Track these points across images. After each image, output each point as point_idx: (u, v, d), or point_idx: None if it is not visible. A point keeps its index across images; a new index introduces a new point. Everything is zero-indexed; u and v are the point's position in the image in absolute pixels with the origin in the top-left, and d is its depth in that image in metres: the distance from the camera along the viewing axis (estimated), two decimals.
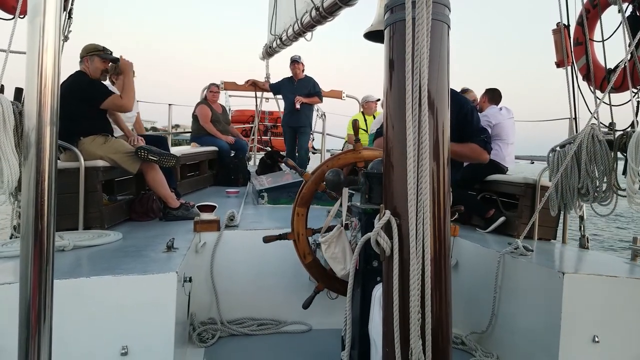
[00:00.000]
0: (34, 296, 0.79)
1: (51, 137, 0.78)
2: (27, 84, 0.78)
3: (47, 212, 0.78)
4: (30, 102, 0.78)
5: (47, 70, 0.77)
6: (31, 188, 0.78)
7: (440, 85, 1.50)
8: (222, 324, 2.80)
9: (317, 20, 3.45)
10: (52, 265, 0.80)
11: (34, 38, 0.77)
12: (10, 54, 2.39)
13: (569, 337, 2.13)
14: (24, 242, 0.79)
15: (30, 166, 0.78)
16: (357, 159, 2.21)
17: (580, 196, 2.99)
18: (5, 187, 2.25)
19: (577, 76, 3.26)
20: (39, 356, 0.81)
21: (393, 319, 1.36)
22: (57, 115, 0.80)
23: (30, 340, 0.81)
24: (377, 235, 1.43)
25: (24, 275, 0.79)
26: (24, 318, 0.80)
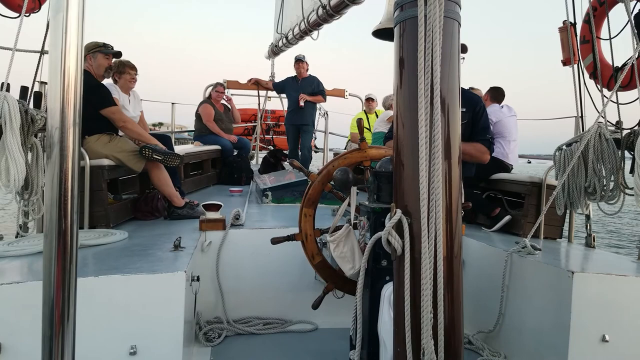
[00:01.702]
0: (57, 294, 0.80)
1: (74, 136, 0.78)
2: (50, 84, 0.78)
3: (71, 211, 0.78)
4: (53, 102, 0.78)
5: (70, 70, 0.77)
6: (54, 187, 0.77)
7: (452, 83, 1.49)
8: (228, 323, 2.79)
9: (324, 18, 3.43)
10: (75, 263, 0.80)
11: (56, 38, 0.76)
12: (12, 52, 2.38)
13: (578, 337, 2.12)
14: (47, 241, 0.79)
15: (53, 166, 0.78)
16: (363, 158, 2.20)
17: (587, 195, 2.98)
18: (12, 185, 2.24)
19: (583, 74, 3.24)
20: (63, 353, 0.80)
21: (404, 319, 1.36)
22: (80, 115, 0.80)
23: (53, 338, 0.81)
24: (388, 235, 1.42)
25: (47, 274, 0.80)
26: (47, 316, 0.81)
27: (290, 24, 4.77)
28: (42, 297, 0.81)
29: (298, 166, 2.41)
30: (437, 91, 1.18)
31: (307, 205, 2.24)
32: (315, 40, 4.21)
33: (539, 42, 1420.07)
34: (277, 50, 5.97)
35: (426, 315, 1.14)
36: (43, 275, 0.81)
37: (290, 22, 4.76)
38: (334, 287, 2.35)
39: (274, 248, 2.91)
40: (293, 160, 2.45)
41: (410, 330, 1.32)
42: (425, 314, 1.14)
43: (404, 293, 1.36)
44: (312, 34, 4.08)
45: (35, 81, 2.81)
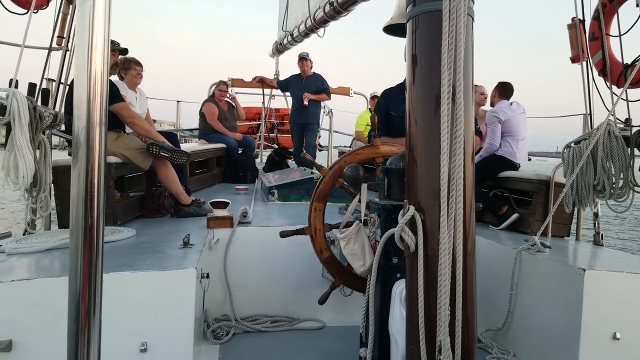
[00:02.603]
0: (83, 290, 0.80)
1: (100, 135, 0.80)
2: (77, 84, 0.80)
3: (97, 207, 0.79)
4: (80, 100, 0.79)
5: (96, 70, 0.78)
6: (81, 184, 0.79)
7: (468, 79, 1.48)
8: (236, 321, 2.79)
9: (331, 15, 3.42)
10: (101, 259, 0.80)
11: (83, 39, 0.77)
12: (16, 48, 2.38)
13: (589, 334, 2.10)
14: (73, 237, 0.79)
15: (80, 163, 0.79)
16: (375, 155, 2.19)
17: (596, 193, 2.96)
18: (21, 183, 2.24)
19: (592, 72, 3.22)
20: (89, 349, 0.82)
21: (418, 316, 1.35)
22: (106, 114, 0.81)
23: (79, 333, 0.81)
24: (401, 231, 1.41)
25: (73, 269, 0.80)
26: (73, 311, 0.80)
27: (295, 22, 4.75)
28: (68, 292, 0.81)
29: (310, 160, 2.41)
30: (460, 87, 1.17)
31: (317, 200, 2.23)
32: (322, 37, 4.19)
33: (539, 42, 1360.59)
34: (281, 48, 5.95)
35: (444, 313, 1.13)
36: (69, 271, 0.81)
37: (296, 19, 4.74)
38: (341, 282, 2.34)
39: (281, 246, 2.90)
40: (305, 154, 2.44)
41: (425, 327, 1.31)
42: (443, 311, 1.13)
43: (418, 290, 1.35)
44: (318, 31, 4.06)
45: (43, 78, 2.81)
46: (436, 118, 1.45)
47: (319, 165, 2.35)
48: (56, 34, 2.76)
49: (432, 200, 1.42)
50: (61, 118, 2.62)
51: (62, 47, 2.77)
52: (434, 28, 1.48)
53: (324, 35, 4.11)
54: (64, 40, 2.77)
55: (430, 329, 1.32)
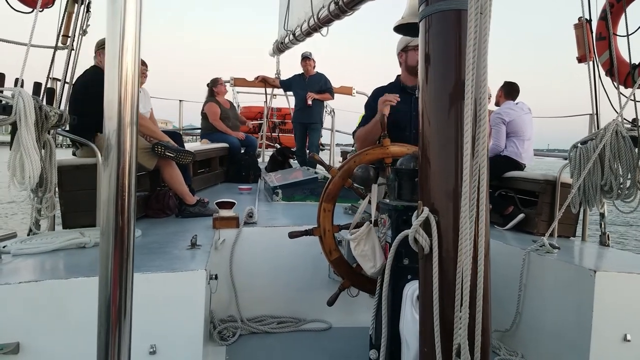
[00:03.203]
0: (114, 291, 0.80)
1: (131, 137, 0.80)
2: (108, 86, 0.79)
3: (128, 209, 0.79)
4: (110, 103, 0.79)
5: (127, 72, 0.78)
6: (112, 186, 0.78)
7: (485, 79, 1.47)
8: (242, 322, 2.77)
9: (336, 14, 3.39)
10: (132, 260, 0.80)
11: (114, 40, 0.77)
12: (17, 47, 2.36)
13: (600, 336, 2.09)
14: (104, 239, 0.79)
15: (112, 165, 0.79)
16: (385, 155, 2.17)
17: (603, 193, 2.95)
18: (27, 183, 2.22)
19: (599, 71, 3.20)
20: (119, 351, 0.81)
21: (433, 318, 1.33)
22: (137, 115, 0.81)
23: (110, 335, 0.81)
24: (416, 233, 1.40)
25: (104, 271, 0.80)
26: (103, 313, 0.81)
27: (297, 21, 4.73)
28: (98, 294, 0.81)
29: (319, 160, 2.39)
30: (484, 87, 1.16)
31: (326, 200, 2.21)
32: (325, 36, 4.17)
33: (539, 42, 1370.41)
34: (282, 48, 5.93)
35: (464, 316, 1.11)
36: (99, 272, 0.81)
37: (298, 18, 4.72)
38: (350, 284, 2.33)
39: (287, 246, 2.89)
40: (314, 154, 2.42)
41: (440, 330, 1.30)
42: (464, 313, 1.11)
43: (432, 292, 1.33)
44: (322, 30, 4.03)
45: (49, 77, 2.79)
46: (450, 118, 1.44)
47: (328, 165, 2.33)
48: (61, 33, 2.74)
49: (447, 201, 1.40)
50: (66, 118, 2.60)
51: (67, 46, 2.75)
52: (447, 27, 1.47)
53: (327, 34, 4.09)
54: (69, 40, 2.75)
55: (445, 331, 1.31)
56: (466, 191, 1.08)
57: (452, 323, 1.29)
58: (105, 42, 0.78)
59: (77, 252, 2.30)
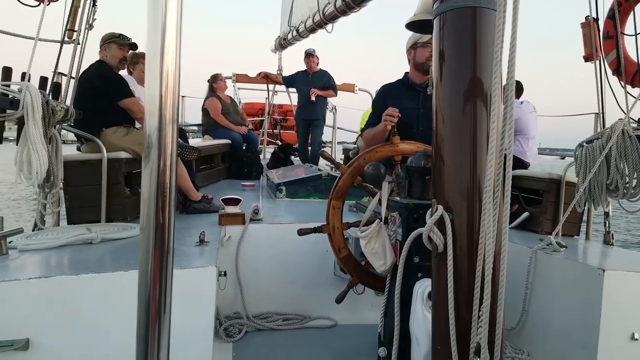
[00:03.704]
0: (154, 287, 0.81)
1: (172, 135, 0.79)
2: (149, 83, 0.78)
3: (169, 206, 0.80)
4: (152, 100, 0.79)
5: (169, 69, 0.78)
6: (152, 183, 0.79)
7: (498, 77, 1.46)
8: (248, 319, 2.77)
9: (342, 11, 3.36)
10: (172, 256, 0.80)
11: (155, 37, 0.76)
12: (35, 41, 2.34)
13: (608, 335, 2.09)
14: (144, 235, 0.79)
15: (152, 162, 0.79)
16: (394, 153, 2.16)
17: (608, 192, 2.95)
18: (34, 178, 2.21)
19: (606, 71, 3.20)
20: (159, 347, 0.82)
21: (448, 317, 1.33)
22: (178, 112, 0.81)
23: (149, 331, 0.82)
24: (430, 231, 1.40)
25: (144, 267, 0.81)
26: (143, 309, 0.82)
27: (301, 17, 4.70)
28: (138, 290, 0.82)
29: (328, 157, 2.39)
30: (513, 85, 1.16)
31: (335, 198, 2.21)
32: (330, 33, 4.14)
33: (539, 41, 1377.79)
34: (285, 44, 5.90)
35: (484, 314, 1.11)
36: (139, 269, 0.82)
37: (302, 14, 4.69)
38: (358, 281, 2.33)
39: (292, 243, 2.88)
40: (323, 151, 2.42)
41: (455, 328, 1.29)
42: (484, 312, 1.11)
43: (447, 291, 1.33)
44: (327, 26, 4.01)
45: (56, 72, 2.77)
46: (465, 115, 1.43)
47: (338, 162, 2.32)
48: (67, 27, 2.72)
49: (461, 200, 1.40)
50: (72, 113, 2.59)
51: (73, 40, 2.73)
52: (463, 24, 1.46)
53: (332, 31, 4.06)
54: (75, 34, 2.73)
55: (460, 329, 1.31)
56: (490, 189, 1.08)
57: (467, 321, 1.29)
58: (146, 41, 0.78)
59: (84, 248, 2.29)
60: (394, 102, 2.77)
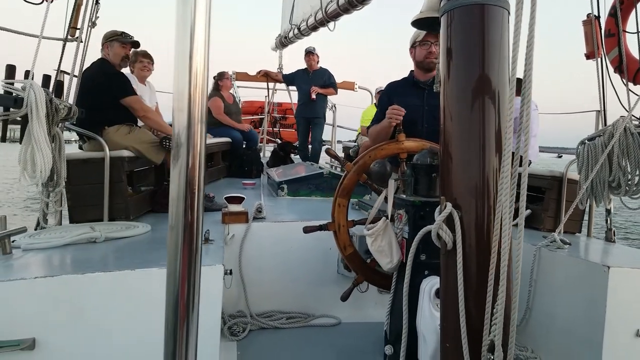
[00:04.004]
0: (182, 286, 0.81)
1: (201, 134, 0.79)
2: (178, 83, 0.78)
3: (197, 205, 0.80)
4: (180, 100, 0.78)
5: (197, 69, 0.78)
6: (181, 182, 0.79)
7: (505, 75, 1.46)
8: (252, 317, 2.77)
9: (345, 8, 3.36)
10: (200, 255, 0.81)
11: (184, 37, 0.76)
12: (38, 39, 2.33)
13: (613, 332, 2.10)
14: (173, 233, 0.80)
15: (181, 161, 0.79)
16: (400, 150, 2.16)
17: (611, 189, 2.96)
18: (38, 177, 2.20)
19: (607, 68, 3.21)
20: (187, 346, 0.83)
21: (459, 314, 1.33)
22: (206, 112, 0.81)
23: (178, 330, 0.83)
24: (439, 229, 1.40)
25: (172, 265, 0.81)
26: (171, 307, 0.82)
27: (303, 15, 4.69)
28: (166, 287, 0.83)
29: (334, 154, 2.39)
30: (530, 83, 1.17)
31: (341, 195, 2.21)
32: (332, 31, 4.14)
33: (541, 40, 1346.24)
34: (285, 42, 5.88)
35: (499, 311, 1.11)
36: (167, 267, 0.82)
37: (303, 13, 4.68)
38: (364, 279, 2.33)
39: (296, 241, 2.88)
40: (329, 149, 2.42)
41: (467, 326, 1.30)
42: (499, 310, 1.11)
43: (458, 288, 1.33)
44: (329, 24, 4.00)
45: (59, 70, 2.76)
46: (474, 113, 1.43)
47: (343, 160, 2.32)
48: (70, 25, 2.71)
49: (470, 197, 1.40)
50: (75, 111, 2.58)
51: (76, 38, 2.72)
52: (471, 22, 1.46)
53: (334, 29, 4.06)
54: (78, 32, 2.72)
55: (470, 327, 1.31)
56: (506, 186, 1.08)
57: (477, 318, 1.30)
58: (175, 41, 0.77)
59: (88, 246, 2.28)
60: (398, 100, 2.79)
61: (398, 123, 2.22)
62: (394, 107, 2.57)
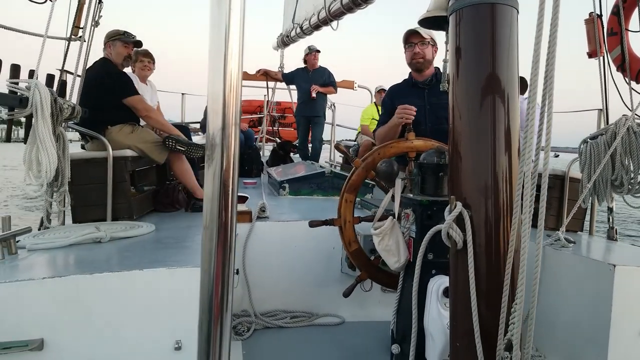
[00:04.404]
0: (216, 285, 0.83)
1: (235, 136, 0.81)
2: (212, 85, 0.79)
3: (231, 205, 0.81)
4: (215, 102, 0.79)
5: (232, 72, 0.78)
6: (216, 183, 0.81)
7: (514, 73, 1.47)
8: (256, 317, 2.77)
9: (349, 7, 3.36)
10: (234, 255, 0.82)
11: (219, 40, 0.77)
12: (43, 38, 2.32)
13: (618, 330, 2.11)
14: (207, 233, 0.81)
15: (215, 163, 0.81)
16: (409, 149, 2.17)
17: (613, 188, 2.97)
18: (43, 177, 2.19)
19: (610, 67, 3.21)
20: (221, 344, 0.84)
21: (471, 313, 1.33)
22: (240, 114, 0.82)
23: (212, 328, 0.84)
24: (449, 228, 1.40)
25: (206, 265, 0.82)
26: (206, 306, 0.84)
27: (305, 14, 4.68)
28: (200, 286, 0.84)
29: (343, 150, 2.41)
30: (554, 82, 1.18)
31: (348, 191, 2.21)
32: (335, 30, 4.14)
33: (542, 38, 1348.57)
34: (287, 41, 5.87)
35: (518, 311, 1.12)
36: (201, 266, 0.83)
37: (306, 11, 4.67)
38: (367, 276, 2.33)
39: (299, 240, 2.88)
40: (338, 144, 2.44)
41: (479, 325, 1.30)
42: (518, 309, 1.12)
43: (470, 287, 1.34)
44: (332, 23, 4.00)
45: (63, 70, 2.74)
46: (483, 112, 1.43)
47: (352, 156, 2.32)
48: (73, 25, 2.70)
49: (479, 196, 1.41)
50: (78, 111, 2.57)
51: (78, 37, 2.71)
52: (480, 21, 1.46)
53: (337, 28, 4.06)
54: (81, 31, 2.71)
55: (482, 326, 1.31)
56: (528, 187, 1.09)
57: (489, 317, 1.30)
58: (209, 43, 0.78)
59: (93, 246, 2.28)
60: (401, 102, 2.83)
61: (408, 122, 2.23)
62: (404, 106, 2.60)
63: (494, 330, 1.26)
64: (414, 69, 3.05)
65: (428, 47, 2.98)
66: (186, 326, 1.82)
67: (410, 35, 2.97)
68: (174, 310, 1.81)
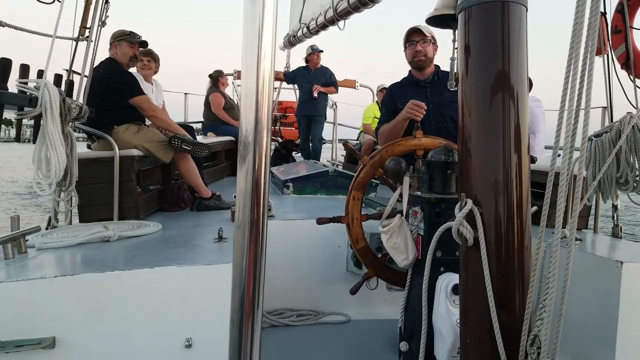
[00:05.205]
0: (248, 282, 0.84)
1: (267, 137, 0.83)
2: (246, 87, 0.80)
3: (263, 204, 0.84)
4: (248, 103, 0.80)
5: (265, 74, 0.80)
6: (248, 182, 0.83)
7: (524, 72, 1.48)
8: (263, 315, 2.78)
9: (356, 7, 3.35)
10: (265, 252, 0.83)
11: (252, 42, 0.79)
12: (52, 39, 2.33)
13: (626, 327, 2.11)
14: (239, 232, 0.82)
15: (248, 163, 0.83)
16: (417, 147, 2.18)
17: (618, 185, 2.97)
18: (52, 177, 2.20)
19: (614, 65, 3.21)
20: (252, 341, 0.86)
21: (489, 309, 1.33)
22: (270, 118, 0.85)
23: (243, 325, 0.86)
24: (460, 225, 1.41)
25: (239, 262, 0.83)
26: (237, 303, 0.85)
27: (312, 14, 4.68)
28: (232, 283, 0.85)
29: (351, 148, 2.42)
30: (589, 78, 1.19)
31: (356, 189, 2.22)
32: (342, 30, 4.15)
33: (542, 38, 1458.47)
34: (294, 41, 5.86)
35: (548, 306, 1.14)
36: (233, 263, 0.84)
37: (313, 12, 4.67)
38: (374, 274, 2.34)
39: (305, 239, 2.89)
40: (347, 142, 2.45)
41: (498, 322, 1.31)
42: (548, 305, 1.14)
43: (486, 284, 1.35)
44: (339, 23, 4.00)
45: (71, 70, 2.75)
46: (493, 110, 1.44)
47: (360, 153, 2.33)
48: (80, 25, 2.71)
49: (490, 193, 1.42)
50: (86, 110, 2.58)
51: (86, 37, 2.72)
52: (490, 19, 1.47)
53: (344, 27, 4.06)
54: (88, 31, 2.71)
55: (503, 323, 1.32)
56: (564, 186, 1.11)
57: (502, 314, 1.31)
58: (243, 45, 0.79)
59: (102, 245, 2.29)
60: (402, 100, 2.83)
61: (417, 119, 2.24)
62: (414, 102, 2.60)
63: (507, 325, 1.27)
64: (415, 67, 3.05)
65: (429, 45, 2.98)
66: (197, 324, 1.83)
67: (412, 33, 2.97)
68: (185, 309, 1.83)
